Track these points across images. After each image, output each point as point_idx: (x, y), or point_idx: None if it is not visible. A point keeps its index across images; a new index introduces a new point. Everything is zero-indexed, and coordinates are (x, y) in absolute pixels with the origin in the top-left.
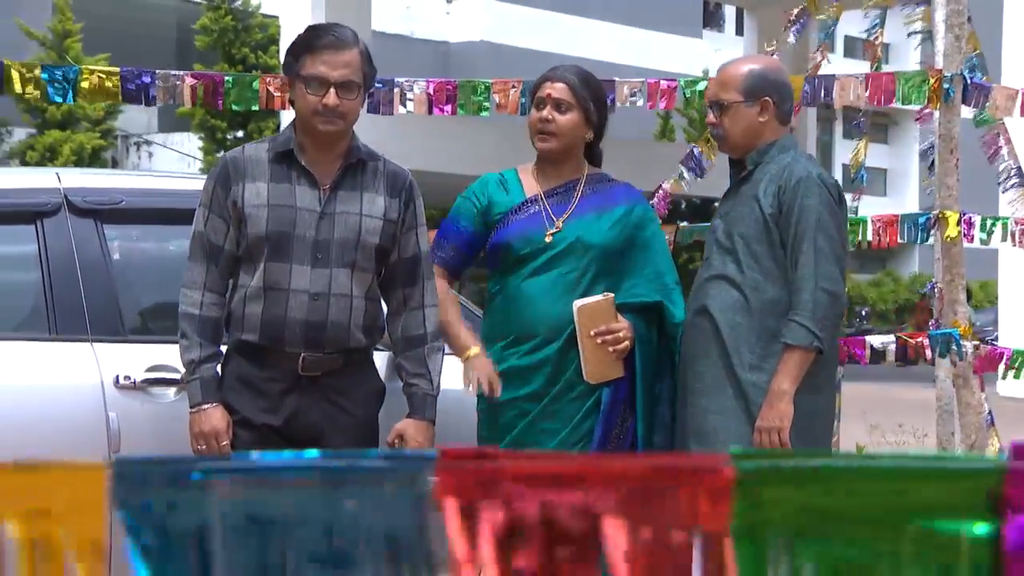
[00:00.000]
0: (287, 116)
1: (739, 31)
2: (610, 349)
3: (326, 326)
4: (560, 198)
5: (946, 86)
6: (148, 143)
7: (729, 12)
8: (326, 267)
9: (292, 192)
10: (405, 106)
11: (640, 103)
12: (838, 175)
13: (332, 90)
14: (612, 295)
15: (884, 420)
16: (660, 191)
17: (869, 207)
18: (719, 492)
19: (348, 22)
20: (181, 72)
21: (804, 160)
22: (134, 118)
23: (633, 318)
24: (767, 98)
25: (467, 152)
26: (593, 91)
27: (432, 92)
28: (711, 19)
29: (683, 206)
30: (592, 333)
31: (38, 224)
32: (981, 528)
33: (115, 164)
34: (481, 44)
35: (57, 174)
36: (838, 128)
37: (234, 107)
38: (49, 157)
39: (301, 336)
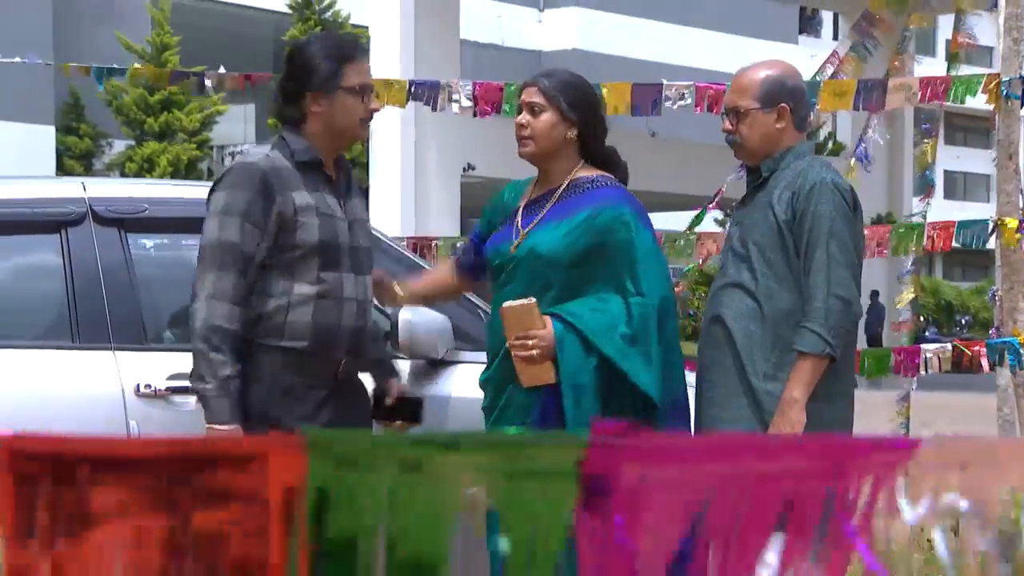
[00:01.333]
0: (377, 125)
1: (836, 36)
2: (514, 353)
3: (365, 332)
4: (536, 207)
5: (1004, 91)
6: (243, 153)
7: (826, 17)
8: (362, 274)
9: (326, 201)
10: (450, 107)
11: (688, 103)
12: (939, 181)
13: (374, 96)
14: (533, 300)
15: (946, 429)
16: (719, 194)
17: (972, 212)
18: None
19: (437, 32)
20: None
21: (819, 166)
22: (230, 129)
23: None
24: (784, 104)
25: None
26: (569, 87)
27: (479, 93)
28: (807, 25)
29: None
30: (513, 340)
31: (62, 233)
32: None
33: (210, 174)
34: (573, 52)
35: (83, 183)
36: (941, 132)
37: None
38: (147, 168)
39: (347, 343)
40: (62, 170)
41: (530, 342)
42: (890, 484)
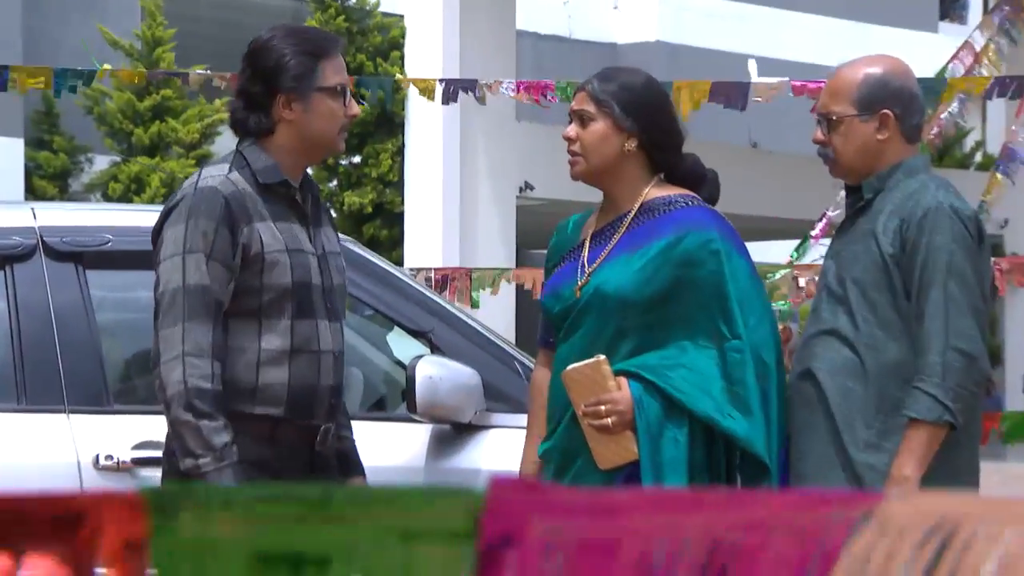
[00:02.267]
0: (413, 134)
1: None
2: (587, 423)
3: (341, 389)
4: (603, 238)
5: None
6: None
7: (974, 1)
8: (336, 320)
9: (294, 233)
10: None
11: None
12: None
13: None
14: (602, 357)
15: None
16: (824, 219)
17: None
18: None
19: (489, 20)
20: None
21: (935, 186)
22: (235, 141)
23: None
24: (887, 111)
25: None
26: (625, 89)
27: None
28: (950, 10)
29: None
30: (583, 407)
31: (7, 270)
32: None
33: None
34: (656, 45)
35: (32, 209)
36: None
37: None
38: (135, 189)
39: (327, 404)
40: (32, 192)
41: (603, 408)
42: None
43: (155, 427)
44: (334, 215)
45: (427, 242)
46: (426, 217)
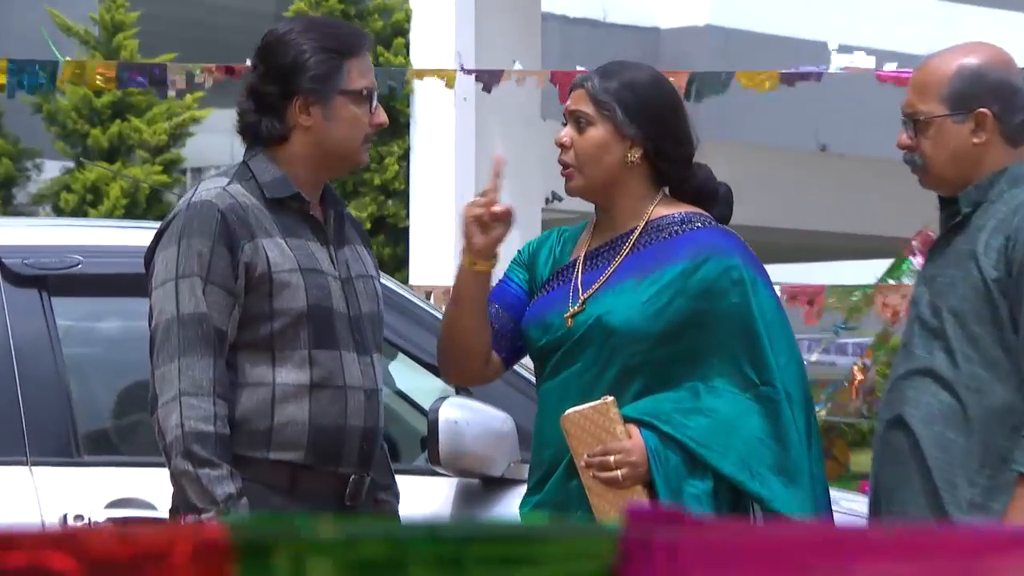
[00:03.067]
0: (420, 136)
1: None
2: (592, 475)
3: (377, 434)
4: (600, 260)
5: None
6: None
7: None
8: (367, 353)
9: (310, 252)
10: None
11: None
12: None
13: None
14: (611, 399)
15: None
16: (920, 235)
17: None
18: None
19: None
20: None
21: None
22: (210, 145)
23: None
24: (984, 109)
25: None
26: (630, 89)
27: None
28: None
29: None
30: (585, 457)
31: None
32: None
33: None
34: (706, 31)
35: None
36: None
37: None
38: (91, 201)
39: (357, 450)
40: None
41: (612, 459)
42: None
43: (133, 482)
44: None
45: (436, 261)
46: (435, 232)
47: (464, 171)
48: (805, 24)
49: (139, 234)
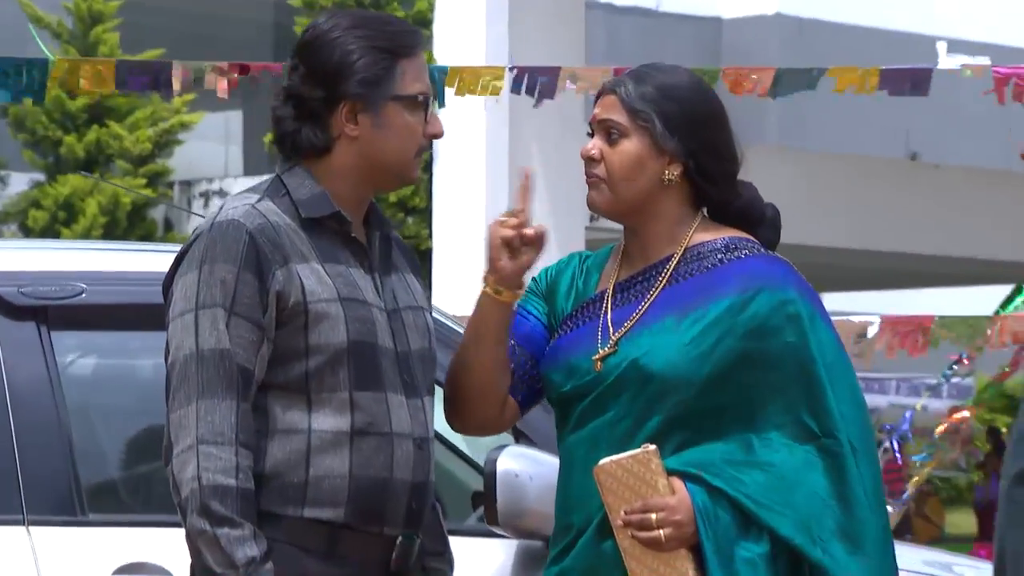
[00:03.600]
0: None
1: None
2: (631, 536)
3: (428, 489)
4: (633, 293)
5: None
6: (223, 193)
7: None
8: (416, 395)
9: (352, 279)
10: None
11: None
12: None
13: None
14: (653, 447)
15: None
16: None
17: None
18: None
19: None
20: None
21: None
22: (202, 154)
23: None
24: None
25: None
26: (668, 94)
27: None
28: None
29: None
30: (622, 514)
31: None
32: None
33: (168, 228)
34: (775, 20)
35: None
36: None
37: None
38: (64, 219)
39: (405, 508)
40: None
41: (653, 517)
42: None
43: (145, 543)
44: None
45: (463, 289)
46: (462, 255)
47: (496, 185)
48: (892, 13)
49: (152, 259)
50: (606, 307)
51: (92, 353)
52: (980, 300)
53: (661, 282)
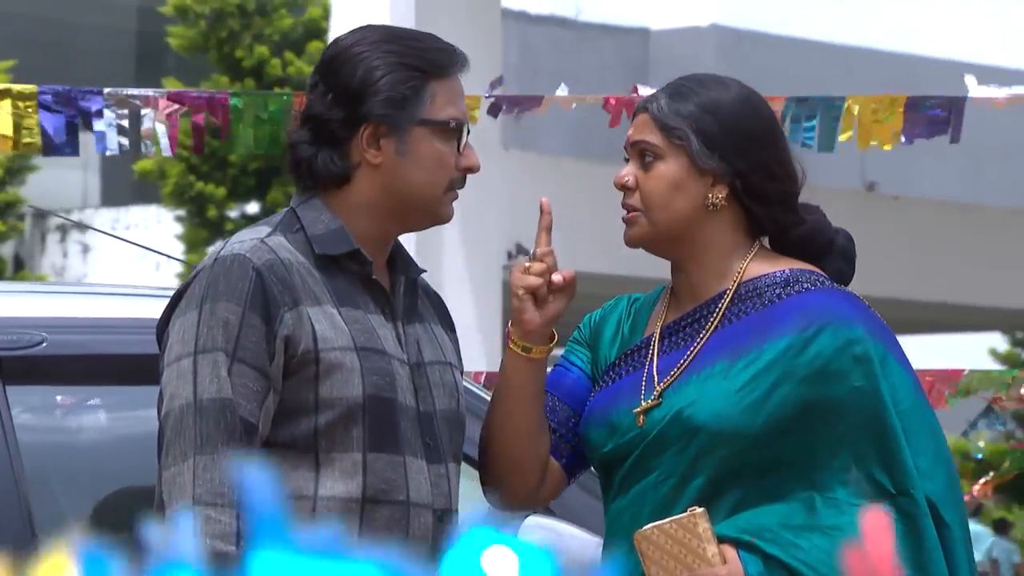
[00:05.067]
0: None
1: None
2: None
3: None
4: (681, 337)
5: None
6: (82, 227)
7: None
8: (440, 461)
9: (371, 326)
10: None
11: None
12: None
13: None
14: (700, 510)
15: None
16: None
17: None
18: None
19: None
20: (147, 92)
21: None
22: (56, 183)
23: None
24: None
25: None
26: (711, 110)
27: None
28: None
29: None
30: None
31: None
32: None
33: (19, 266)
34: (709, 31)
35: None
36: None
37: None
38: None
39: None
40: None
41: None
42: None
43: None
44: None
45: None
46: None
47: None
48: (837, 26)
49: (123, 304)
50: (652, 354)
51: (52, 410)
52: (947, 350)
53: (712, 323)
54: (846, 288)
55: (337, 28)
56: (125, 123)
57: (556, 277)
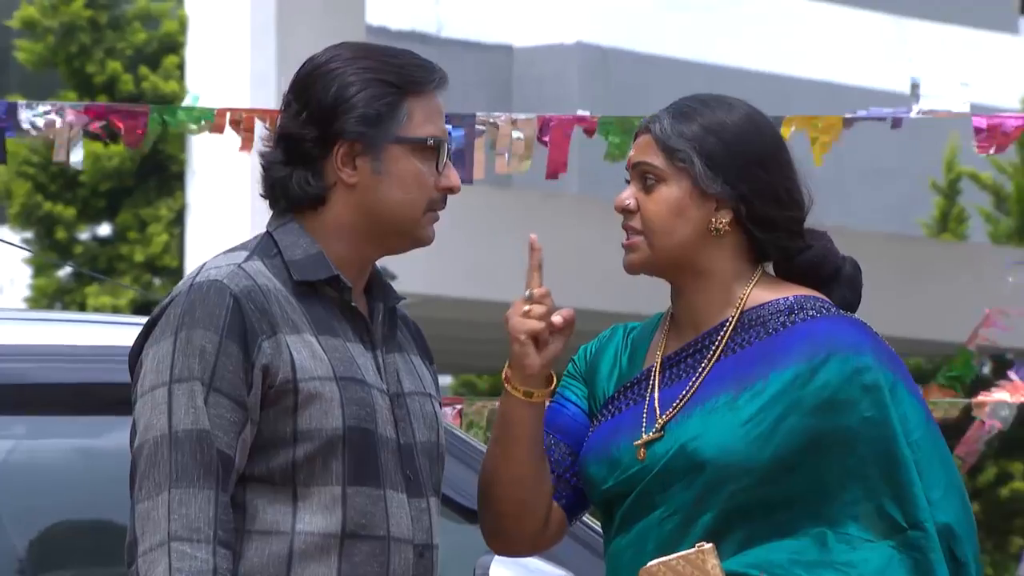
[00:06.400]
0: (198, 192)
1: None
2: None
3: None
4: (682, 368)
5: None
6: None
7: None
8: (421, 495)
9: (350, 355)
10: None
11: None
12: None
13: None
14: (709, 545)
15: None
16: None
17: None
18: None
19: (325, 12)
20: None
21: None
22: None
23: None
24: None
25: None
26: (715, 131)
27: None
28: None
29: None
30: None
31: None
32: None
33: None
34: (574, 49)
35: None
36: None
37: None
38: None
39: None
40: None
41: None
42: None
43: None
44: None
45: None
46: None
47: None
48: (709, 46)
49: (89, 332)
50: (653, 387)
51: (26, 444)
52: None
53: (715, 353)
54: (853, 316)
55: (195, 43)
56: None
57: (556, 318)
